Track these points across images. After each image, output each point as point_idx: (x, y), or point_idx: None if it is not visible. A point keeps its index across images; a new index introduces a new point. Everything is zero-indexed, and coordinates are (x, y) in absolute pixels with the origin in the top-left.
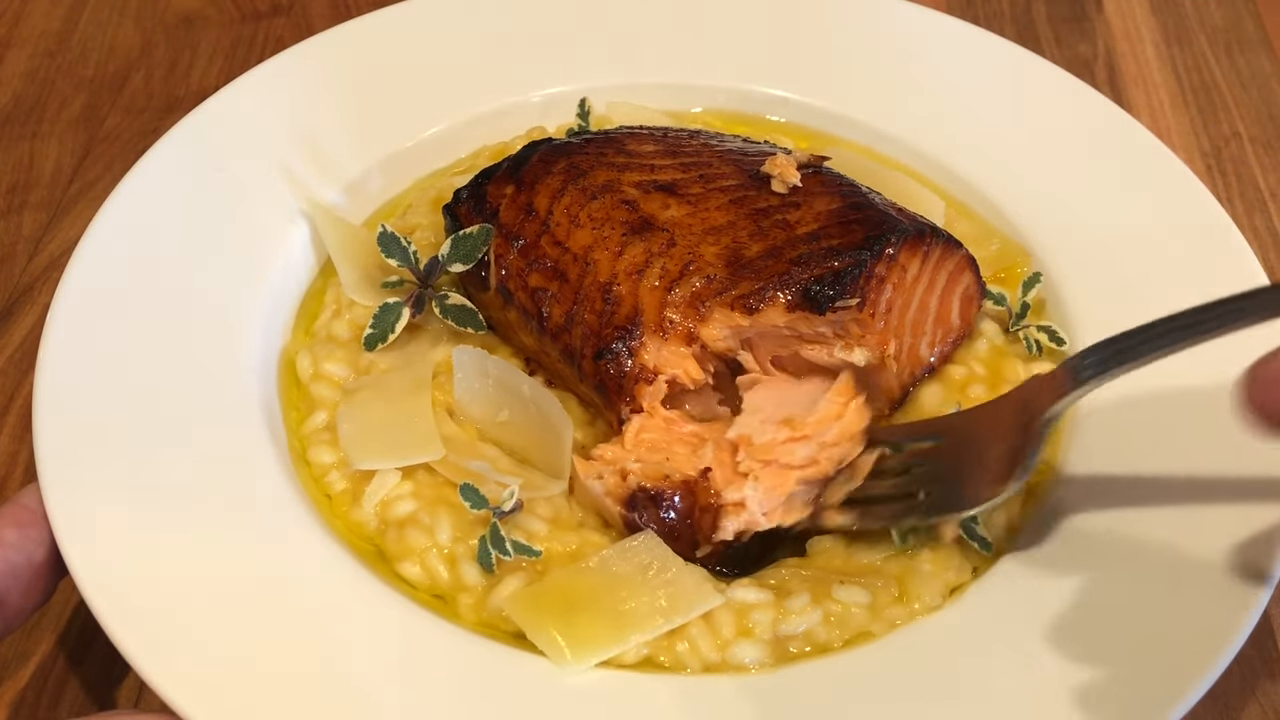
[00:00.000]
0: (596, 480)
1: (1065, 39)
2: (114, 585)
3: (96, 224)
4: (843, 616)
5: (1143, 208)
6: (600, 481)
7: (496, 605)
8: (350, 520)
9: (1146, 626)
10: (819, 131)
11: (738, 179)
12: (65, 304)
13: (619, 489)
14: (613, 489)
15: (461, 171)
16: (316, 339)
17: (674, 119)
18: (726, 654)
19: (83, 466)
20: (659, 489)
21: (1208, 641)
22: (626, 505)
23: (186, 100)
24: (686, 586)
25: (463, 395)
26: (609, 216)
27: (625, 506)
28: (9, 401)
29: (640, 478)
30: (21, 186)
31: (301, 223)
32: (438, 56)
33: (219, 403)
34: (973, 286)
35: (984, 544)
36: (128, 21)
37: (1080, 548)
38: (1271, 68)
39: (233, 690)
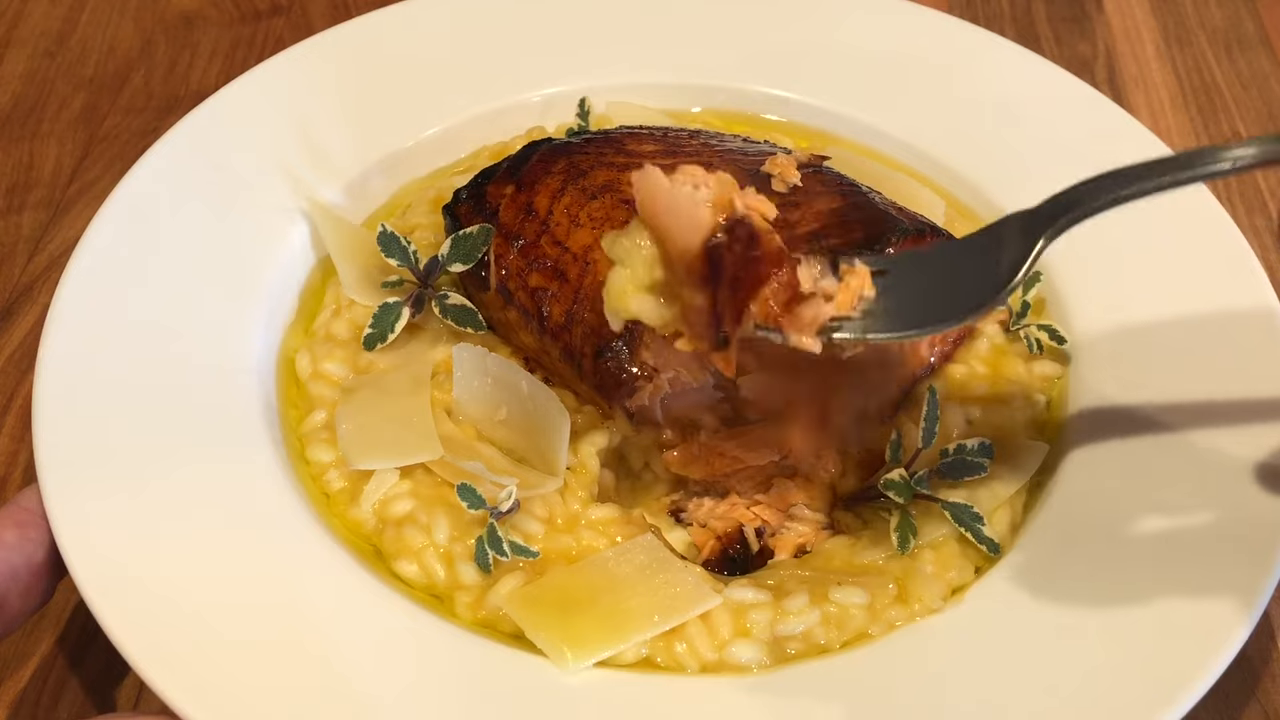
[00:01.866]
0: (690, 186)
1: (1065, 39)
2: (114, 585)
3: (96, 224)
4: (841, 617)
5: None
6: (700, 190)
7: (494, 605)
8: (348, 519)
9: (1147, 626)
10: (819, 131)
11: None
12: (65, 304)
13: (723, 203)
14: (718, 200)
15: (461, 171)
16: (316, 338)
17: (674, 119)
18: (724, 654)
19: (83, 466)
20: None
21: (1208, 641)
22: (726, 228)
23: (186, 100)
24: (685, 586)
25: (462, 393)
26: (609, 216)
27: (723, 229)
28: (9, 401)
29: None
30: (21, 186)
31: (301, 222)
32: (438, 56)
33: (218, 402)
34: None
35: (991, 546)
36: (127, 21)
37: (1081, 548)
38: (1271, 68)
39: (232, 690)
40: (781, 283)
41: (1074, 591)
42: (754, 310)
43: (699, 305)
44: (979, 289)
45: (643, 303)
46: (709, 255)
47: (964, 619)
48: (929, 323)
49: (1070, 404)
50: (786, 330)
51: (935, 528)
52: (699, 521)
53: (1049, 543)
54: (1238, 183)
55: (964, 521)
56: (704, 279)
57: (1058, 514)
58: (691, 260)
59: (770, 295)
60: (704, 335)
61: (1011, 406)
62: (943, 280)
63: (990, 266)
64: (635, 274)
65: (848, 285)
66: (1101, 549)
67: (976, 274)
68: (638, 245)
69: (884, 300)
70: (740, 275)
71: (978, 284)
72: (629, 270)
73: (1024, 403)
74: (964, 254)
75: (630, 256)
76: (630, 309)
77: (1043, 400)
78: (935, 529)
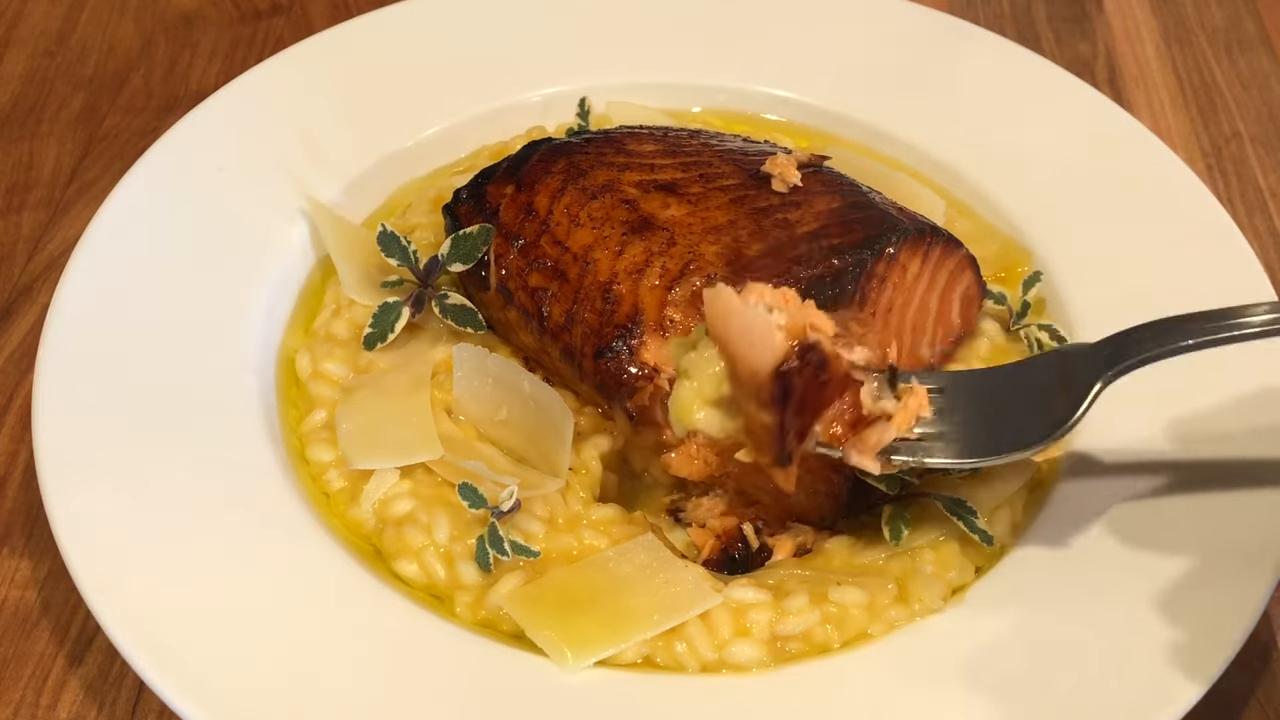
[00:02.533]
0: (764, 309)
1: (1065, 39)
2: (113, 585)
3: (96, 224)
4: (841, 617)
5: (1143, 207)
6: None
7: (494, 604)
8: (348, 519)
9: (1147, 626)
10: (819, 131)
11: (738, 178)
12: (65, 304)
13: (796, 329)
14: (792, 326)
15: (461, 171)
16: (316, 338)
17: (674, 119)
18: (724, 654)
19: (82, 466)
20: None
21: (1208, 641)
22: (798, 353)
23: (186, 100)
24: (685, 586)
25: (462, 393)
26: (609, 216)
27: (795, 354)
28: (9, 401)
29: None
30: (21, 186)
31: (301, 222)
32: (438, 56)
33: (218, 402)
34: (973, 286)
35: (985, 538)
36: (127, 21)
37: (1081, 548)
38: (1271, 68)
39: (231, 690)
40: (845, 404)
41: (1074, 591)
42: (818, 430)
43: (765, 423)
44: (1034, 424)
45: (708, 416)
46: (779, 379)
47: (964, 619)
48: (984, 454)
49: None
50: (849, 451)
51: (935, 528)
52: (698, 521)
53: (1049, 543)
54: (1238, 182)
55: (958, 514)
56: (773, 400)
57: (1058, 514)
58: (761, 381)
59: (834, 417)
60: (768, 452)
61: None
62: (998, 408)
63: (1046, 401)
64: (702, 389)
65: (906, 406)
66: (1101, 549)
67: (1032, 407)
68: (705, 360)
69: (940, 423)
70: (808, 398)
71: (1033, 418)
72: (695, 384)
73: None
74: (1020, 383)
75: (697, 370)
76: (696, 423)
77: None
78: (935, 529)
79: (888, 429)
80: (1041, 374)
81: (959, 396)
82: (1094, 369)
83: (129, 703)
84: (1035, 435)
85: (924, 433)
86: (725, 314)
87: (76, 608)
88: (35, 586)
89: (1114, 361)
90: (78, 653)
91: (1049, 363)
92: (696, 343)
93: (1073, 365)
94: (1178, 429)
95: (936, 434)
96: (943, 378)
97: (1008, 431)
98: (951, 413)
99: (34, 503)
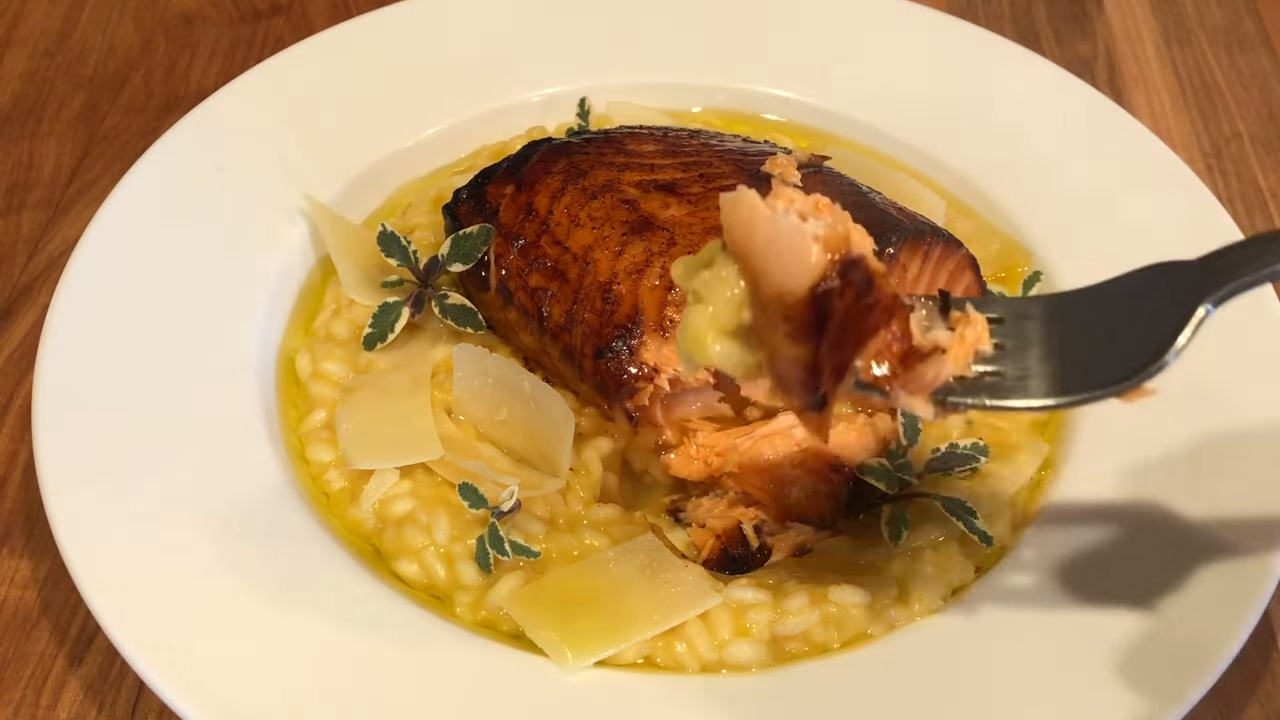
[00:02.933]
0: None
1: (1065, 39)
2: (113, 585)
3: (96, 224)
4: (841, 617)
5: (1143, 207)
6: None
7: (494, 605)
8: (348, 519)
9: (1147, 626)
10: (819, 131)
11: (738, 179)
12: (65, 304)
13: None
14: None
15: (461, 171)
16: (316, 338)
17: (674, 119)
18: (724, 654)
19: (83, 467)
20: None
21: (1208, 641)
22: (839, 269)
23: (186, 100)
24: (685, 586)
25: (462, 394)
26: (609, 216)
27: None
28: (8, 401)
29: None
30: (21, 186)
31: (301, 222)
32: (438, 56)
33: (218, 402)
34: (973, 286)
35: (984, 538)
36: (127, 21)
37: (1081, 548)
38: (1271, 68)
39: (231, 690)
40: (893, 335)
41: (1074, 592)
42: (860, 366)
43: (795, 357)
44: (1120, 357)
45: (726, 349)
46: (815, 302)
47: (964, 619)
48: (1065, 391)
49: None
50: (897, 391)
51: (935, 528)
52: (698, 521)
53: (1049, 543)
54: (1238, 182)
55: (957, 514)
56: (806, 328)
57: (1058, 514)
58: (792, 305)
59: (880, 349)
60: (798, 392)
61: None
62: (1074, 338)
63: (1135, 329)
64: (718, 315)
65: (962, 337)
66: (1101, 549)
67: (1116, 336)
68: (722, 280)
69: (1004, 358)
70: (849, 327)
71: (1118, 350)
72: (710, 309)
73: None
74: (1100, 307)
75: (712, 293)
76: (710, 356)
77: None
78: (935, 529)
79: (943, 364)
80: (1127, 296)
81: (1026, 326)
82: (1196, 287)
83: (129, 703)
84: (1122, 369)
85: (985, 370)
86: (748, 223)
87: (76, 608)
88: (35, 586)
89: (1221, 278)
90: (78, 653)
91: (1137, 283)
92: (712, 259)
93: (1168, 285)
94: (1178, 429)
95: (1000, 371)
96: (1006, 305)
97: (1088, 366)
98: (1018, 345)
99: (34, 503)
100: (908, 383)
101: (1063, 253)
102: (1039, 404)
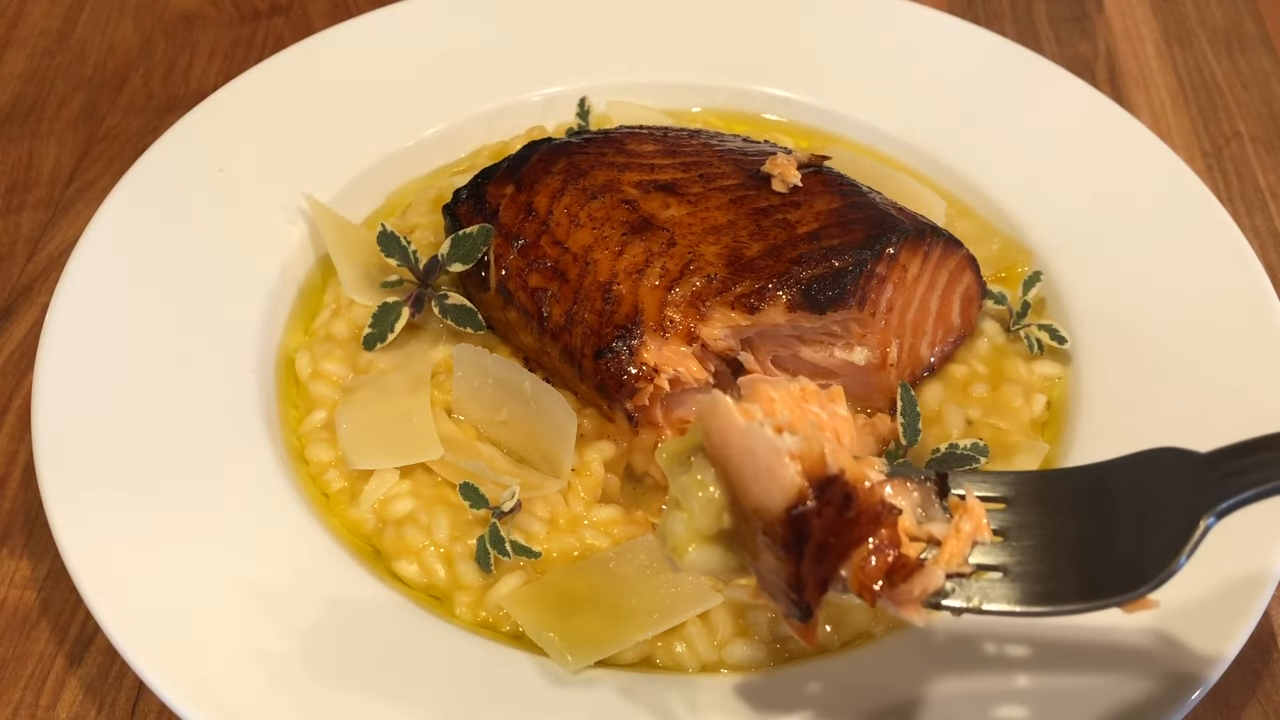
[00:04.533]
0: (770, 430)
1: (1065, 39)
2: (113, 585)
3: (95, 223)
4: (841, 617)
5: (1143, 207)
6: (781, 436)
7: (494, 605)
8: (348, 519)
9: (1147, 626)
10: (819, 131)
11: (738, 178)
12: (65, 304)
13: (812, 457)
14: (807, 454)
15: (461, 171)
16: (316, 338)
17: (674, 119)
18: (724, 654)
19: (82, 466)
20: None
21: (1208, 641)
22: (815, 489)
23: (186, 100)
24: (685, 586)
25: (462, 394)
26: (609, 216)
27: (812, 491)
28: (8, 401)
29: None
30: (21, 186)
31: (301, 222)
32: (438, 56)
33: (218, 401)
34: (973, 286)
35: None
36: (127, 21)
37: None
38: (1271, 68)
39: (231, 690)
40: (880, 543)
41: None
42: (845, 577)
43: (776, 568)
44: (1126, 558)
45: (706, 555)
46: (792, 522)
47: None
48: (1061, 600)
49: (1070, 404)
50: (885, 603)
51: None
52: None
53: None
54: (1238, 182)
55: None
56: (785, 544)
57: None
58: (770, 520)
59: (866, 557)
60: (781, 602)
61: (1012, 406)
62: (1077, 529)
63: (1139, 525)
64: (695, 521)
65: (958, 531)
66: None
67: (1122, 530)
68: (699, 484)
69: (1003, 548)
70: (831, 542)
71: (1124, 548)
72: (687, 515)
73: (1024, 403)
74: (1101, 500)
75: (689, 497)
76: (691, 563)
77: (1043, 400)
78: None
79: (933, 574)
80: (1131, 489)
81: (1027, 509)
82: (1203, 496)
83: (129, 703)
84: (1128, 577)
85: (983, 562)
86: (724, 434)
87: (76, 608)
88: (35, 586)
89: (1228, 490)
90: (77, 653)
91: (1141, 472)
92: (691, 456)
93: (1174, 483)
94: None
95: (998, 564)
96: (1006, 483)
97: (1089, 569)
98: (1019, 532)
99: (34, 503)
100: (896, 595)
101: (1063, 253)
102: (1038, 611)
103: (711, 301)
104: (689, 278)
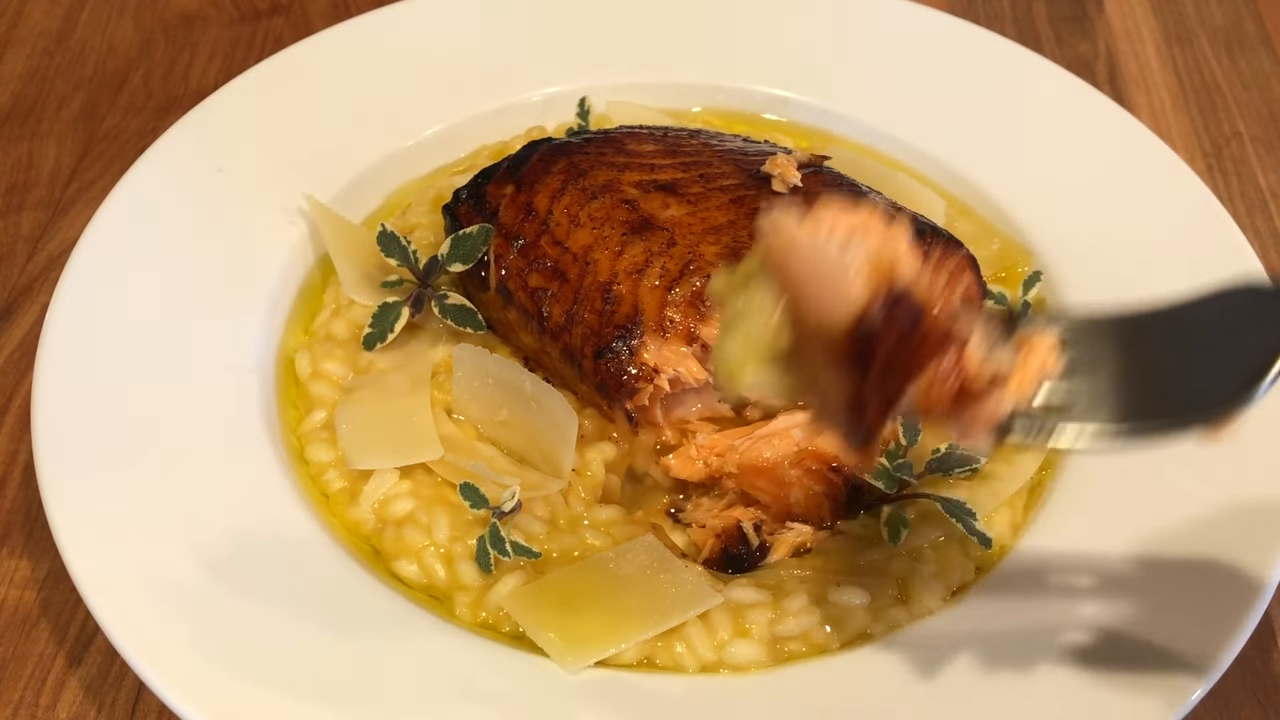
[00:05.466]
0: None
1: (1066, 39)
2: (114, 585)
3: (95, 223)
4: (841, 617)
5: (1143, 207)
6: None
7: (494, 605)
8: (348, 519)
9: (1147, 626)
10: (819, 131)
11: (738, 178)
12: (64, 304)
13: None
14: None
15: (461, 171)
16: (315, 338)
17: (674, 119)
18: (724, 654)
19: (82, 466)
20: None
21: (1208, 641)
22: (883, 305)
23: (185, 100)
24: (685, 586)
25: (462, 394)
26: (609, 216)
27: (879, 308)
28: (8, 401)
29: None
30: (20, 186)
31: (301, 222)
32: (438, 56)
33: (218, 402)
34: (973, 286)
35: (983, 540)
36: (127, 21)
37: (1081, 548)
38: (1272, 68)
39: (231, 690)
40: (946, 367)
41: (1074, 592)
42: (909, 400)
43: (838, 389)
44: (1207, 384)
45: (765, 374)
46: (858, 339)
47: (964, 619)
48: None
49: None
50: (951, 428)
51: (935, 528)
52: (698, 522)
53: (1049, 543)
54: (1238, 182)
55: (956, 515)
56: (850, 361)
57: (1058, 514)
58: (833, 338)
59: (931, 383)
60: (841, 426)
61: None
62: (1154, 361)
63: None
64: (753, 341)
65: (1025, 364)
66: (1101, 549)
67: (1202, 359)
68: (759, 305)
69: (1074, 383)
70: (896, 361)
71: (1204, 375)
72: (744, 336)
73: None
74: (1174, 328)
75: (749, 317)
76: (748, 384)
77: None
78: (935, 529)
79: (1002, 399)
80: (1207, 320)
81: (1100, 345)
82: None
83: (129, 703)
84: (1210, 399)
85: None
86: (786, 250)
87: (76, 608)
88: (35, 586)
89: None
90: (77, 653)
91: (1216, 305)
92: (750, 278)
93: (1251, 312)
94: None
95: (1070, 397)
96: (1075, 321)
97: (1170, 393)
98: (1091, 368)
99: (34, 503)
100: (963, 420)
101: (1063, 253)
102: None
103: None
104: (689, 278)
